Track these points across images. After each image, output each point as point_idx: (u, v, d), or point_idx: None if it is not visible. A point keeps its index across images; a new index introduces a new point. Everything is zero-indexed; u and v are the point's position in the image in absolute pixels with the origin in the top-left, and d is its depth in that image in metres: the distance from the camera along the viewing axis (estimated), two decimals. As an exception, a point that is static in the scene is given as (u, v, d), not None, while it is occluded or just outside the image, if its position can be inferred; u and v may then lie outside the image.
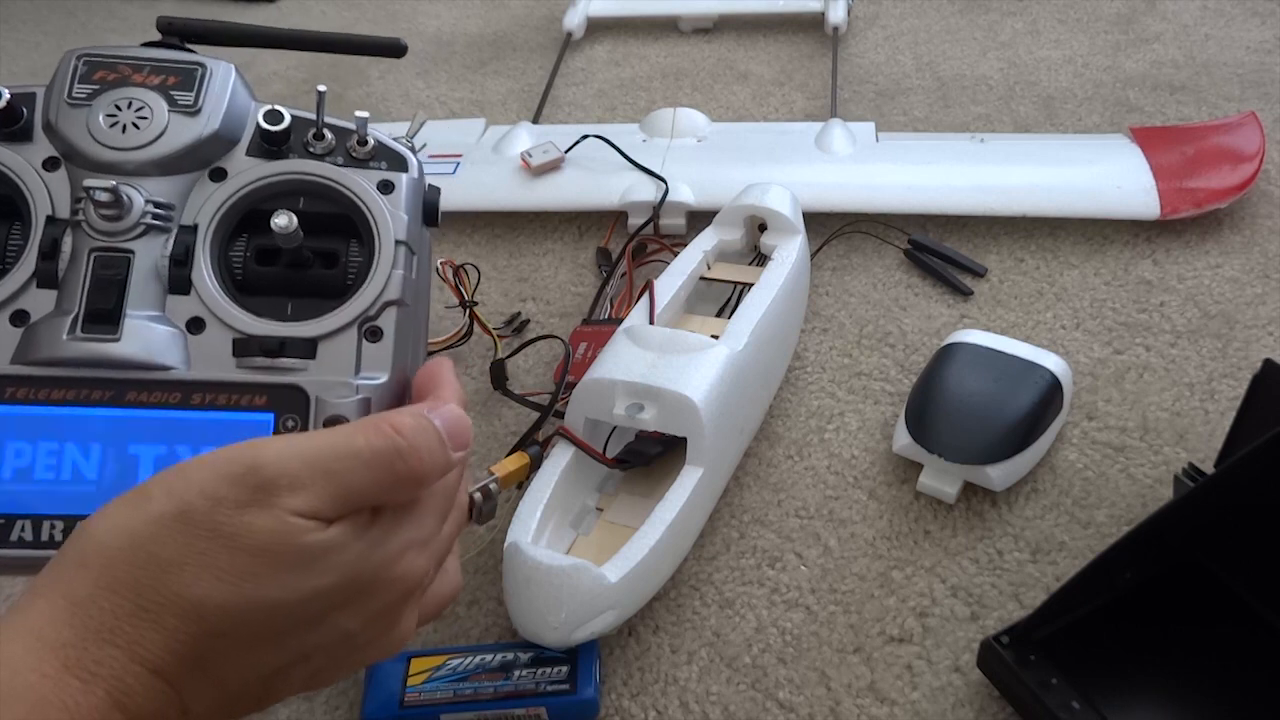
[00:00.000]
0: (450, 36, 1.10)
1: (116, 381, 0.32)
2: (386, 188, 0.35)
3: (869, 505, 0.58)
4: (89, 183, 0.32)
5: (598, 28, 1.07)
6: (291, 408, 0.32)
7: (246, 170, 0.35)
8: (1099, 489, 0.58)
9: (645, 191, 0.77)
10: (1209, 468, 0.54)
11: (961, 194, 0.76)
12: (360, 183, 0.35)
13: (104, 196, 0.32)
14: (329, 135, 0.36)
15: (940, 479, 0.57)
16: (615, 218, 0.79)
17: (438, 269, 0.66)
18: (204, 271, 0.33)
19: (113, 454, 0.31)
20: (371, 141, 0.36)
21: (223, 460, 0.27)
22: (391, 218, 0.34)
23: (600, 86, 0.99)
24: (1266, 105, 0.85)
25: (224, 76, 0.35)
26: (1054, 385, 0.58)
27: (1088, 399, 0.63)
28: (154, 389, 0.32)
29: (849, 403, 0.64)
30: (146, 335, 0.32)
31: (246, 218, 0.34)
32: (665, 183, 0.77)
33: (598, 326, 0.67)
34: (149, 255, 0.33)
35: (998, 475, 0.56)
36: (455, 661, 0.50)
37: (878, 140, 0.84)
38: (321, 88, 0.36)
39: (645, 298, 0.62)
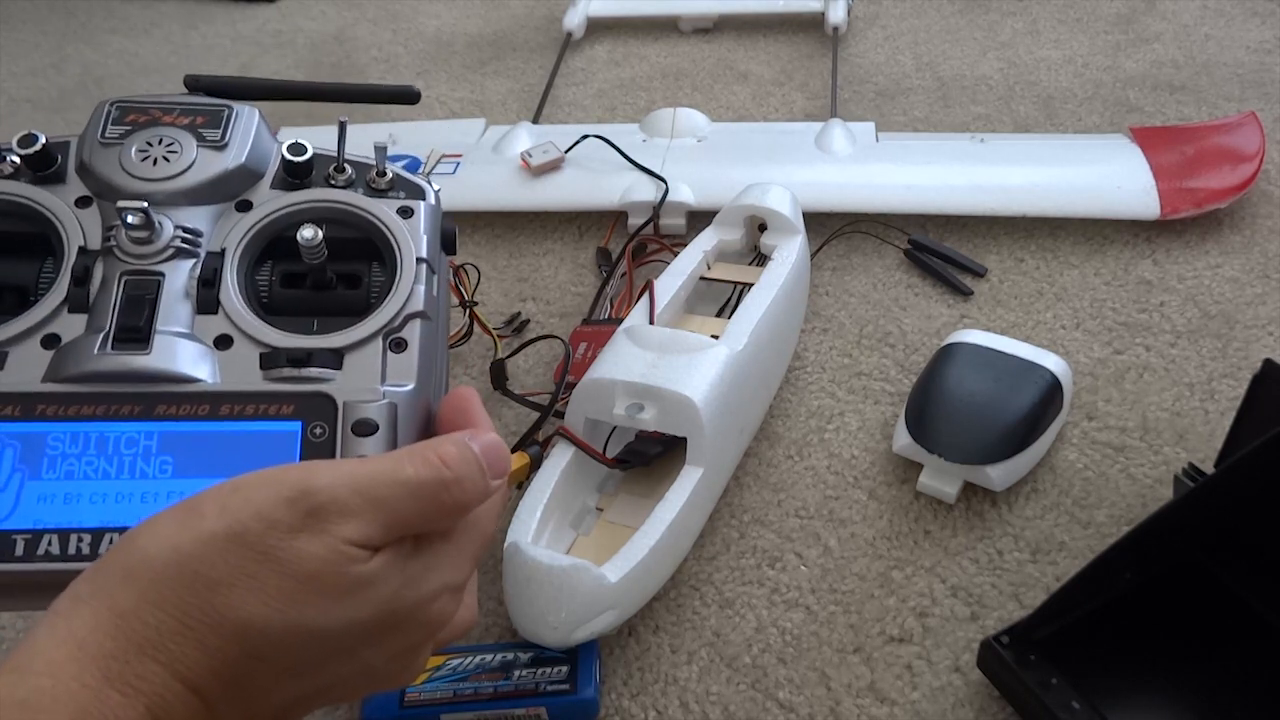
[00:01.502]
0: (450, 36, 1.10)
1: (146, 395, 0.32)
2: (406, 213, 0.37)
3: (869, 505, 0.58)
4: (122, 204, 0.34)
5: (598, 28, 1.07)
6: (319, 415, 0.32)
7: (270, 200, 0.36)
8: (1099, 489, 0.58)
9: (645, 191, 0.77)
10: (1209, 468, 0.54)
11: (961, 194, 0.76)
12: (380, 207, 0.37)
13: (135, 219, 0.33)
14: (349, 169, 0.38)
15: (940, 479, 0.57)
16: (615, 218, 0.79)
17: (438, 269, 0.66)
18: (231, 291, 0.34)
19: (142, 467, 0.32)
20: (390, 174, 0.38)
21: (275, 482, 0.27)
22: (412, 237, 0.36)
23: (600, 86, 0.99)
24: (1266, 105, 0.85)
25: (249, 117, 0.38)
26: (1054, 385, 0.58)
27: (1088, 399, 0.63)
28: (183, 401, 0.32)
29: (849, 403, 0.64)
30: (175, 349, 0.33)
31: (271, 245, 0.36)
32: (665, 183, 0.77)
33: (598, 326, 0.67)
34: (178, 278, 0.34)
35: (998, 475, 0.56)
36: (455, 661, 0.50)
37: (878, 140, 0.84)
38: (343, 119, 0.37)
39: (645, 298, 0.62)
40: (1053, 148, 0.81)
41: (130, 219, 0.33)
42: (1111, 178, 0.75)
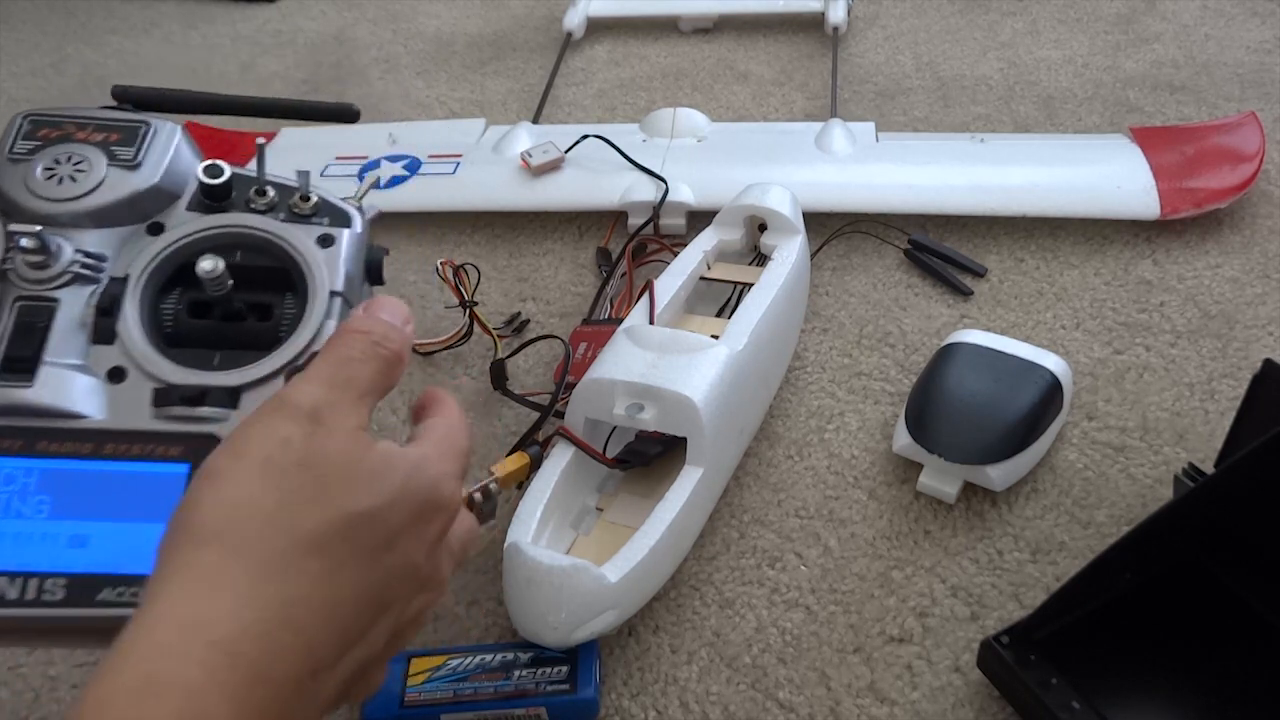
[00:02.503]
0: (450, 36, 1.10)
1: (28, 430, 0.31)
2: (326, 241, 0.35)
3: (869, 505, 0.58)
4: (14, 228, 0.32)
5: (598, 28, 1.07)
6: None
7: (184, 224, 0.35)
8: (1099, 489, 0.58)
9: (645, 191, 0.77)
10: (1209, 468, 0.54)
11: (961, 194, 0.76)
12: (298, 235, 0.35)
13: (29, 243, 0.32)
14: (271, 192, 0.36)
15: (940, 479, 0.57)
16: (615, 218, 0.79)
17: (438, 269, 0.66)
18: (129, 321, 0.33)
19: (18, 506, 0.30)
20: (314, 198, 0.36)
21: (264, 414, 0.30)
22: (328, 269, 0.34)
23: (600, 86, 0.99)
24: (1266, 105, 0.85)
25: (169, 135, 0.36)
26: (1054, 385, 0.58)
27: (1088, 399, 0.63)
28: (65, 438, 0.31)
29: (849, 403, 0.64)
30: (62, 382, 0.32)
31: (181, 271, 0.34)
32: (665, 183, 0.77)
33: (598, 326, 0.67)
34: (75, 305, 0.33)
35: (998, 475, 0.56)
36: (455, 661, 0.50)
37: (878, 140, 0.84)
38: (261, 140, 0.36)
39: (645, 298, 0.62)
40: (1053, 148, 0.81)
41: (24, 243, 0.32)
42: (1111, 178, 0.75)
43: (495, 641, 0.53)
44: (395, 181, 0.82)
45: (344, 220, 0.36)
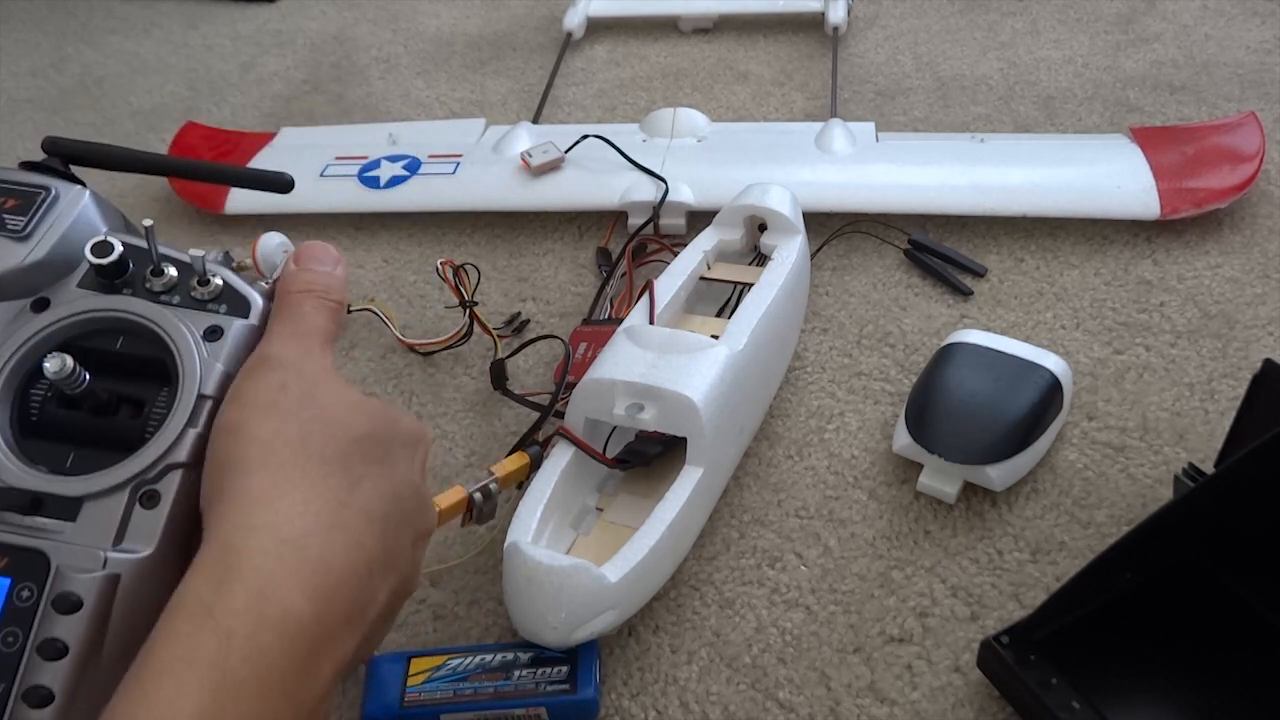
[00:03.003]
0: (450, 36, 1.10)
1: None
2: (213, 334, 0.33)
3: (869, 505, 0.58)
4: None
5: (598, 28, 1.07)
6: (30, 575, 0.28)
7: (72, 301, 0.32)
8: (1099, 489, 0.58)
9: (645, 191, 0.77)
10: (1209, 468, 0.54)
11: (961, 194, 0.76)
12: (179, 326, 0.32)
13: None
14: (170, 272, 0.33)
15: (940, 479, 0.57)
16: (615, 218, 0.79)
17: (438, 269, 0.66)
18: None
19: None
20: (214, 282, 0.33)
21: (252, 370, 0.33)
22: (202, 367, 0.32)
23: (600, 86, 0.99)
24: (1266, 105, 0.85)
25: (71, 202, 0.33)
26: (1054, 385, 0.58)
27: (1088, 399, 0.63)
28: None
29: (849, 403, 0.64)
30: None
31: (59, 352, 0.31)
32: (665, 183, 0.77)
33: (598, 326, 0.67)
34: None
35: (998, 475, 0.56)
36: (455, 661, 0.50)
37: (878, 140, 0.84)
38: (148, 222, 0.33)
39: (645, 298, 0.62)
40: (1053, 148, 0.81)
41: None
42: (1111, 178, 0.75)
43: (495, 641, 0.53)
44: (395, 181, 0.82)
45: (241, 309, 0.34)
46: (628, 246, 0.74)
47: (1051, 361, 0.59)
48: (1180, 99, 0.88)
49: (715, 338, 0.58)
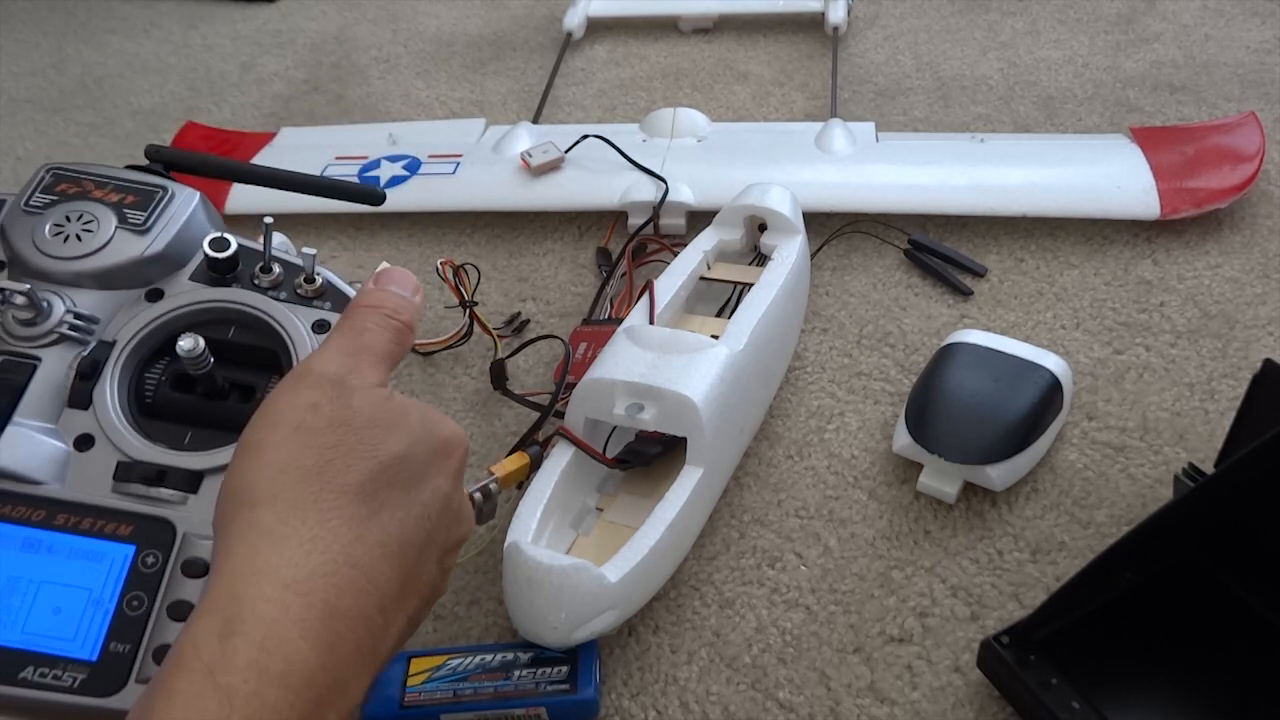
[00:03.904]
0: (450, 36, 1.10)
1: None
2: (321, 327, 0.35)
3: (869, 505, 0.58)
4: (3, 284, 0.32)
5: (598, 28, 1.07)
6: (155, 543, 0.31)
7: (184, 293, 0.34)
8: (1099, 489, 0.58)
9: (645, 191, 0.77)
10: (1209, 468, 0.54)
11: (961, 194, 0.76)
12: (291, 317, 0.34)
13: (18, 299, 0.32)
14: (277, 269, 0.36)
15: (940, 479, 0.57)
16: (615, 218, 0.79)
17: (438, 269, 0.66)
18: (107, 388, 0.32)
19: None
20: (319, 281, 0.36)
21: (290, 382, 0.32)
22: None
23: (600, 86, 0.99)
24: (1266, 105, 0.85)
25: (184, 203, 0.35)
26: (1054, 385, 0.58)
27: (1088, 399, 0.63)
28: (19, 503, 0.31)
29: (849, 403, 0.64)
30: (25, 446, 0.31)
31: (172, 341, 0.34)
32: (665, 183, 0.77)
33: (598, 326, 0.67)
34: (57, 366, 0.32)
35: (998, 475, 0.56)
36: (455, 661, 0.50)
37: (878, 140, 0.84)
38: (269, 219, 0.35)
39: (645, 298, 0.62)
40: (1053, 148, 0.81)
41: (14, 299, 0.31)
42: (1111, 178, 0.75)
43: (495, 641, 0.53)
44: (395, 181, 0.82)
45: (345, 306, 0.36)
46: (628, 246, 0.74)
47: (1051, 361, 0.59)
48: (1180, 99, 0.88)
49: (715, 338, 0.58)
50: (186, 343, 0.32)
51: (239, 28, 1.17)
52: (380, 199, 0.41)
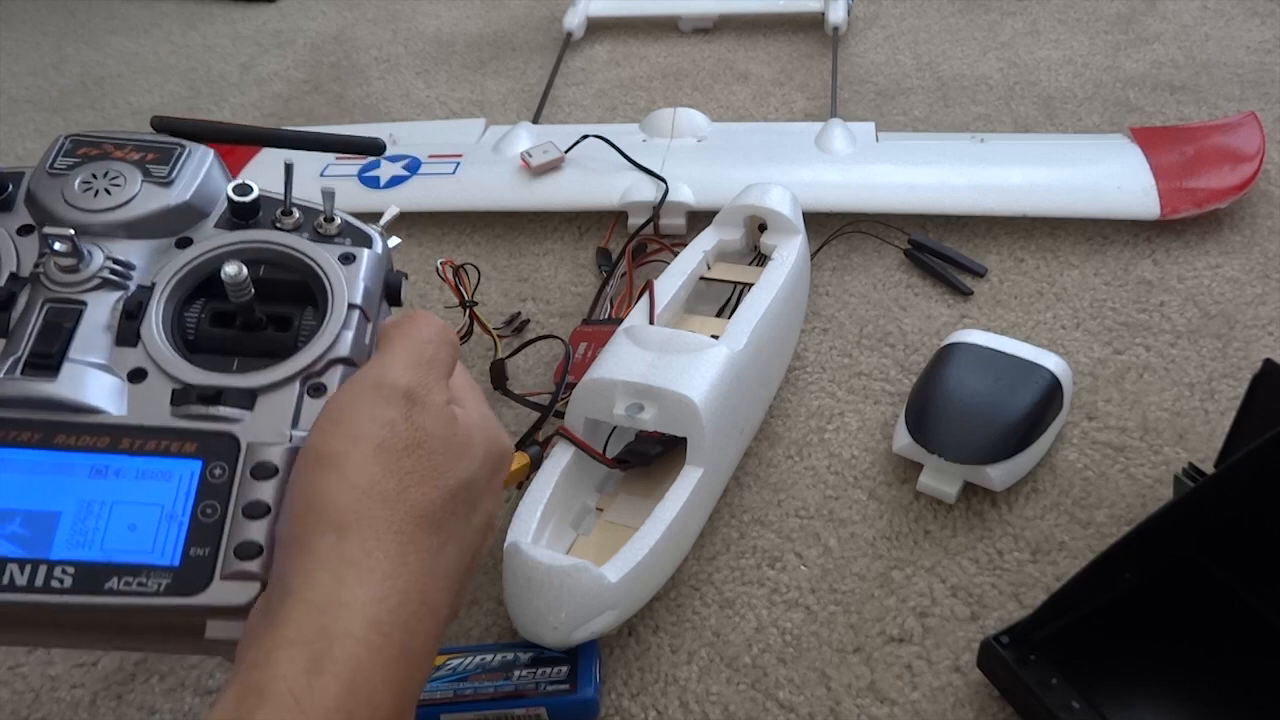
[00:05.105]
0: (450, 36, 1.10)
1: (46, 423, 0.32)
2: (348, 260, 0.36)
3: (869, 505, 0.58)
4: (48, 230, 0.33)
5: (598, 28, 1.07)
6: (221, 456, 0.32)
7: (212, 238, 0.36)
8: (1099, 489, 0.58)
9: (645, 191, 0.77)
10: (1209, 468, 0.54)
11: (961, 194, 0.76)
12: (321, 252, 0.36)
13: (61, 246, 0.33)
14: (296, 212, 0.37)
15: (940, 479, 0.57)
16: (615, 218, 0.79)
17: (438, 269, 0.66)
18: (153, 325, 0.34)
19: (36, 493, 0.31)
20: (338, 220, 0.37)
21: (364, 393, 0.31)
22: (348, 283, 0.36)
23: (600, 86, 0.99)
24: (1266, 105, 0.85)
25: (201, 158, 0.37)
26: (1054, 385, 0.58)
27: (1088, 399, 0.63)
28: (83, 432, 0.32)
29: (849, 403, 0.64)
30: (84, 379, 0.32)
31: (206, 283, 0.36)
32: (665, 183, 0.77)
33: (598, 326, 0.67)
34: (102, 308, 0.34)
35: (998, 475, 0.56)
36: (455, 661, 0.50)
37: (878, 140, 0.84)
38: (289, 161, 0.37)
39: (645, 298, 0.62)
40: (1053, 148, 0.81)
41: (57, 246, 0.33)
42: (1111, 178, 0.75)
43: (495, 641, 0.53)
44: (395, 181, 0.82)
45: (365, 241, 0.37)
46: (628, 246, 0.74)
47: (1051, 361, 0.59)
48: (1180, 99, 0.88)
49: (715, 338, 0.58)
50: (231, 268, 0.33)
51: (239, 28, 1.17)
52: (381, 149, 0.43)
